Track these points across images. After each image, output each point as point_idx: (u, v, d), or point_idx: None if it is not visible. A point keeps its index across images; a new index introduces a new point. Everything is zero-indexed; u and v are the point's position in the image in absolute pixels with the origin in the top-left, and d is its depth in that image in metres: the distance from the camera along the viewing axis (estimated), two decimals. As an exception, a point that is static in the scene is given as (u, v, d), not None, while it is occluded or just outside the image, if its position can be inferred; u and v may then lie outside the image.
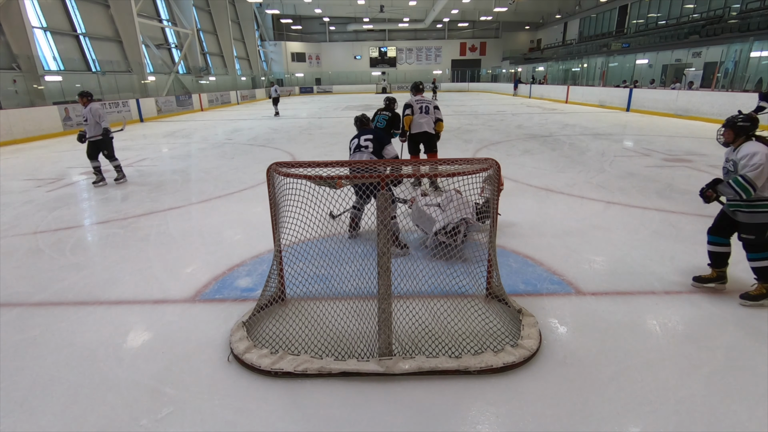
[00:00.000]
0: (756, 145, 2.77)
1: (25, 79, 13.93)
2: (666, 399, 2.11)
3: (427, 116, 5.81)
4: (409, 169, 2.89)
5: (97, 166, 6.72)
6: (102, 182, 6.72)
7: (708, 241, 3.16)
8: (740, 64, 15.90)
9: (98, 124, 6.55)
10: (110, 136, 6.68)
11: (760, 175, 2.71)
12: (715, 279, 3.15)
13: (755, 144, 2.79)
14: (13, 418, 2.09)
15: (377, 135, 4.16)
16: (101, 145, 6.64)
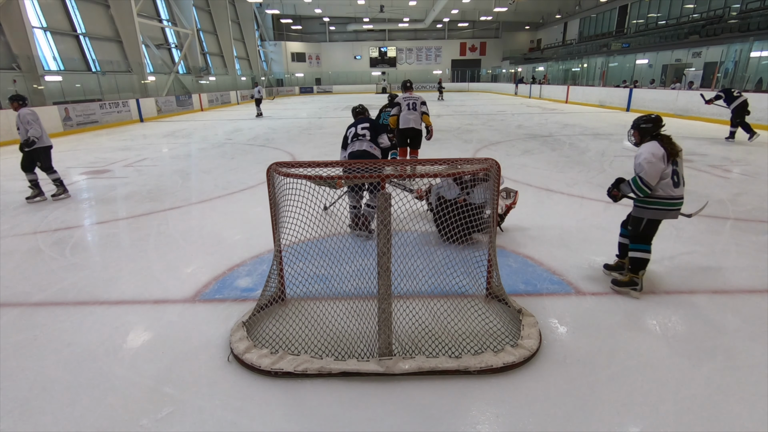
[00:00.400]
0: (647, 146, 2.94)
1: (25, 79, 13.93)
2: (666, 399, 2.11)
3: (415, 113, 6.09)
4: (408, 170, 2.89)
5: (33, 180, 5.91)
6: (39, 197, 5.86)
7: (620, 233, 3.37)
8: (740, 64, 15.90)
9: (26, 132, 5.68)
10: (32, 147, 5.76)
11: (649, 173, 2.87)
12: (621, 267, 3.37)
13: (647, 144, 2.95)
14: (13, 418, 2.09)
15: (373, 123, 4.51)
16: (35, 156, 5.89)
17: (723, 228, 4.37)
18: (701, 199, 5.30)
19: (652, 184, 2.90)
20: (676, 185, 2.94)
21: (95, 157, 9.28)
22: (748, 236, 4.14)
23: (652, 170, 2.87)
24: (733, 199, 5.32)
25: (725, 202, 5.18)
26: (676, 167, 2.94)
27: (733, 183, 6.14)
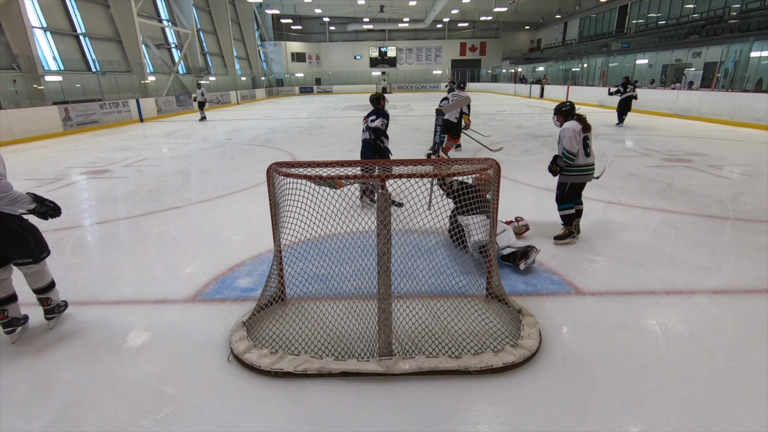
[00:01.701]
0: (568, 123, 3.84)
1: (25, 79, 13.93)
2: (666, 399, 2.11)
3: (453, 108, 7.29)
4: (409, 170, 2.89)
5: None
6: None
7: (558, 208, 4.07)
8: (740, 64, 15.90)
9: None
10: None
11: (571, 143, 3.76)
12: (569, 235, 4.02)
13: (569, 122, 3.85)
14: (13, 418, 2.09)
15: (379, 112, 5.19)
16: None
17: (723, 228, 4.37)
18: (701, 200, 5.30)
19: (575, 152, 3.79)
20: (587, 155, 3.88)
21: (95, 157, 9.28)
22: (748, 236, 4.14)
23: (572, 142, 3.76)
24: (733, 199, 5.32)
25: (725, 202, 5.18)
26: (587, 140, 3.88)
27: (733, 183, 6.14)
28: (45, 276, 2.81)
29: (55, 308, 2.88)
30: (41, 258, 2.73)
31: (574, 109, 3.98)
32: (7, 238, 2.57)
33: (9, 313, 2.70)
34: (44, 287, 2.80)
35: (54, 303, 2.86)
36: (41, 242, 2.73)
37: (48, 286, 2.83)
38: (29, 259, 2.67)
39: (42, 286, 2.79)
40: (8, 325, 2.70)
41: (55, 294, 2.89)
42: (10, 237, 2.57)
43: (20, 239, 2.61)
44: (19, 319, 2.75)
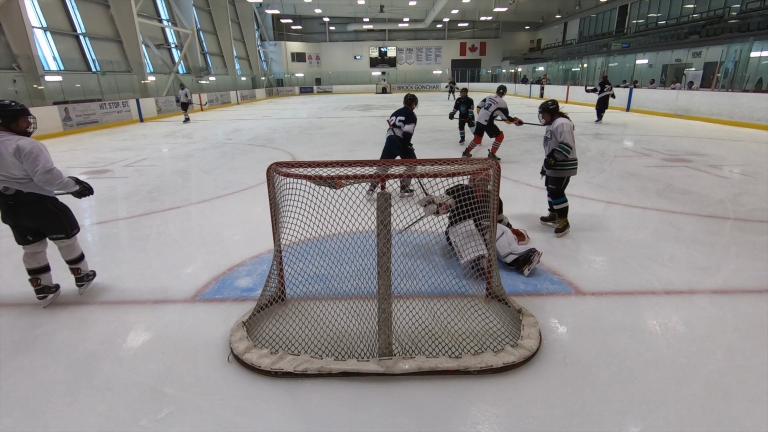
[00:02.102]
0: (562, 121, 4.13)
1: (25, 79, 13.93)
2: (666, 399, 2.11)
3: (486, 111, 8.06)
4: (409, 170, 2.89)
5: None
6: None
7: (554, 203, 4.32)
8: (740, 64, 15.90)
9: None
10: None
11: (568, 136, 4.06)
12: (567, 226, 4.31)
13: (561, 120, 4.13)
14: (13, 418, 2.09)
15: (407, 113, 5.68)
16: None
17: (723, 228, 4.37)
18: (701, 200, 5.30)
19: (572, 145, 4.09)
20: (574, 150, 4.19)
21: (95, 157, 9.28)
22: (748, 236, 4.14)
23: (570, 136, 4.08)
24: (733, 199, 5.32)
25: (725, 202, 5.18)
26: None
27: (733, 183, 6.14)
28: (75, 249, 3.22)
29: (84, 277, 3.32)
30: (72, 234, 3.15)
31: (559, 106, 4.29)
32: (44, 217, 2.98)
33: (41, 282, 3.13)
34: (75, 259, 3.23)
35: (83, 272, 3.30)
36: (72, 220, 3.15)
37: (78, 258, 3.24)
38: (62, 235, 3.09)
39: (73, 258, 3.22)
40: (41, 292, 3.14)
41: (84, 265, 3.31)
42: (47, 215, 2.99)
43: (55, 217, 3.03)
44: (50, 287, 3.19)
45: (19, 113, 2.88)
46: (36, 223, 3.00)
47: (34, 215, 2.96)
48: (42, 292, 3.13)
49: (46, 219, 2.99)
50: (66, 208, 3.13)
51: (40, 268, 3.12)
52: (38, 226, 3.01)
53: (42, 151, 2.87)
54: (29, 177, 2.85)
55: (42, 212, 2.97)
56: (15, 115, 2.86)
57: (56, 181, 2.90)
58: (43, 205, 2.97)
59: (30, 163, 2.79)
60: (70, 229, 3.12)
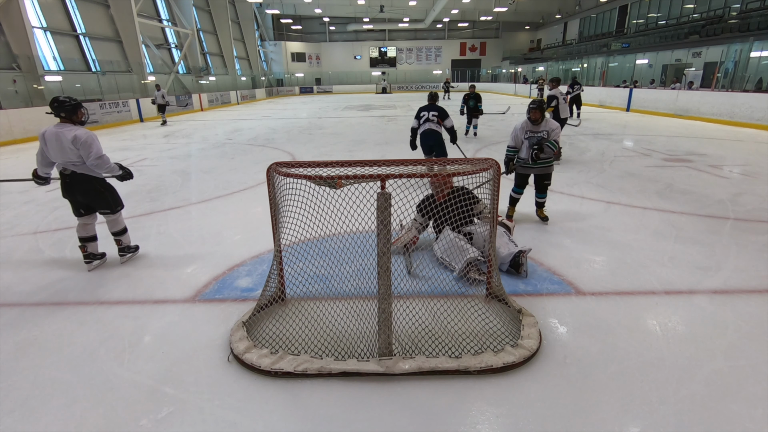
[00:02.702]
0: (552, 121, 4.43)
1: (25, 79, 13.93)
2: (666, 399, 2.11)
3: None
4: (409, 170, 2.89)
5: None
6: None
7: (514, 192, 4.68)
8: (740, 64, 15.90)
9: None
10: None
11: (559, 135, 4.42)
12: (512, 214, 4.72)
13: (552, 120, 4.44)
14: (13, 418, 2.09)
15: (440, 110, 6.35)
16: None
17: (723, 228, 4.37)
18: (701, 200, 5.30)
19: None
20: None
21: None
22: (748, 236, 4.14)
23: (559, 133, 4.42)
24: (733, 199, 5.32)
25: (725, 202, 5.18)
26: None
27: (733, 183, 6.14)
28: (119, 223, 3.78)
29: (126, 249, 3.85)
30: (116, 210, 3.73)
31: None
32: (93, 194, 3.58)
33: (88, 249, 3.70)
34: (118, 231, 3.79)
35: (125, 244, 3.84)
36: (117, 198, 3.73)
37: (121, 231, 3.80)
38: (108, 210, 3.67)
39: (116, 230, 3.78)
40: (87, 257, 3.70)
41: (126, 238, 3.86)
42: (95, 193, 3.58)
43: (102, 195, 3.61)
44: (96, 254, 3.75)
45: (75, 107, 3.47)
46: (86, 199, 3.59)
47: (85, 192, 3.55)
48: (88, 258, 3.70)
49: (94, 196, 3.58)
50: (111, 187, 3.70)
51: (88, 237, 3.68)
52: (88, 202, 3.60)
53: (94, 141, 3.42)
54: (82, 161, 3.42)
55: (91, 190, 3.55)
56: (73, 109, 3.45)
57: (105, 166, 3.48)
58: (92, 184, 3.55)
59: (84, 149, 3.35)
60: (114, 206, 3.70)
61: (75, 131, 3.36)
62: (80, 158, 3.40)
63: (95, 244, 3.73)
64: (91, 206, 3.63)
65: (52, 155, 3.44)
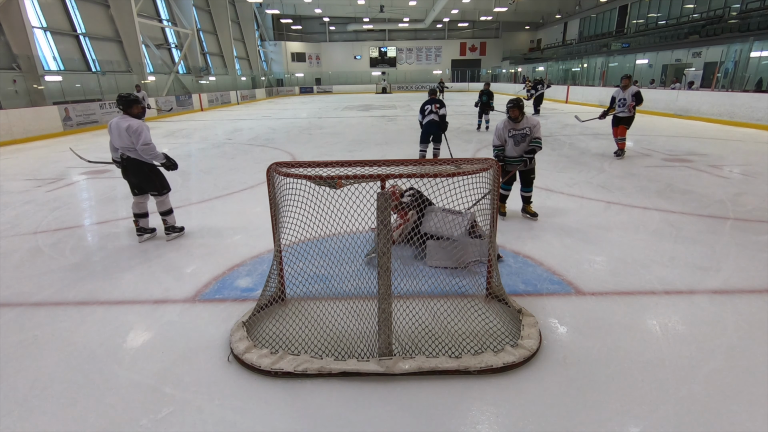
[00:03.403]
0: (532, 117, 4.56)
1: (25, 79, 13.93)
2: (666, 399, 2.11)
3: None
4: (409, 170, 2.89)
5: None
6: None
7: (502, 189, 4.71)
8: (740, 64, 15.89)
9: None
10: None
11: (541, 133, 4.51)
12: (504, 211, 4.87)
13: (531, 117, 4.56)
14: (13, 417, 2.09)
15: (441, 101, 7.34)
16: None
17: (723, 228, 4.37)
18: (701, 200, 5.30)
19: None
20: None
21: (95, 157, 9.26)
22: (748, 236, 4.14)
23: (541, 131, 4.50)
24: (733, 199, 5.32)
25: (725, 202, 5.18)
26: None
27: (733, 183, 6.14)
28: (165, 204, 4.33)
29: (171, 228, 4.39)
30: (163, 193, 4.28)
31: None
32: (142, 177, 4.16)
33: (140, 224, 4.33)
34: (164, 212, 4.34)
35: (170, 224, 4.38)
36: (164, 182, 4.28)
37: (167, 211, 4.35)
38: (156, 192, 4.25)
39: (163, 211, 4.34)
40: (139, 231, 4.33)
41: (172, 219, 4.39)
42: (144, 176, 4.16)
43: (149, 178, 4.19)
44: (146, 229, 4.37)
45: (131, 102, 4.03)
46: (138, 181, 4.17)
47: (137, 175, 4.13)
48: (139, 231, 4.32)
49: (144, 178, 4.16)
50: (159, 173, 4.25)
51: (141, 214, 4.29)
52: (140, 183, 4.18)
53: (143, 131, 3.94)
54: (134, 147, 3.97)
55: (141, 173, 4.12)
56: (129, 103, 4.02)
57: (150, 153, 4.01)
58: (142, 168, 4.11)
59: (135, 137, 3.91)
60: (161, 189, 4.26)
61: (130, 121, 3.93)
62: (132, 145, 3.96)
63: (146, 220, 4.33)
64: (143, 187, 4.19)
65: (114, 142, 4.04)
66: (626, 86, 8.06)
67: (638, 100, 7.94)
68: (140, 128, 3.93)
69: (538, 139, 4.48)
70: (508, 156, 4.64)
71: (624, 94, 8.07)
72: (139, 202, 4.26)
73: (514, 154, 4.59)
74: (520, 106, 4.45)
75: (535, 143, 4.49)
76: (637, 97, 7.95)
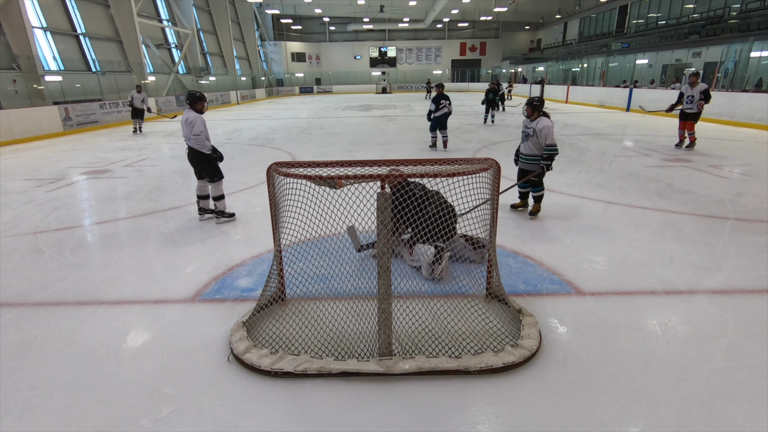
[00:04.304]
0: (545, 120, 4.47)
1: (25, 79, 13.92)
2: (666, 399, 2.11)
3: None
4: (409, 170, 2.89)
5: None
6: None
7: (519, 186, 4.87)
8: (740, 64, 15.89)
9: None
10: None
11: (553, 137, 4.46)
12: (523, 205, 4.99)
13: (544, 119, 4.48)
14: (13, 417, 2.09)
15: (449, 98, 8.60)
16: None
17: (723, 228, 4.37)
18: (701, 200, 5.30)
19: (555, 143, 4.47)
20: None
21: (95, 157, 9.28)
22: (748, 236, 4.14)
23: (553, 135, 4.46)
24: (733, 199, 5.32)
25: (725, 202, 5.18)
26: None
27: (733, 183, 6.14)
28: (218, 190, 4.80)
29: (221, 213, 4.86)
30: (214, 180, 4.76)
31: (543, 104, 4.64)
32: (199, 164, 4.70)
33: (200, 204, 4.90)
34: (216, 197, 4.82)
35: (220, 209, 4.85)
36: (216, 171, 4.77)
37: (219, 197, 4.82)
38: (208, 178, 4.76)
39: (215, 196, 4.82)
40: (200, 211, 4.93)
41: (222, 204, 4.86)
42: (199, 163, 4.70)
43: (204, 166, 4.71)
44: (206, 209, 4.92)
45: (196, 99, 4.59)
46: (196, 167, 4.75)
47: (194, 162, 4.71)
48: (200, 211, 4.92)
49: (199, 165, 4.71)
50: (213, 162, 4.71)
51: (202, 196, 4.85)
52: (197, 169, 4.76)
53: (197, 123, 4.48)
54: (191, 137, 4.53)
55: (197, 160, 4.67)
56: (194, 100, 4.58)
57: (200, 144, 4.53)
58: (198, 156, 4.65)
59: (189, 128, 4.47)
60: (213, 176, 4.73)
61: (190, 115, 4.50)
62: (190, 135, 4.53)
63: (207, 201, 4.88)
64: (200, 173, 4.76)
65: (182, 132, 4.62)
66: (694, 83, 8.41)
67: (706, 97, 8.33)
68: (195, 121, 4.47)
69: (549, 146, 4.45)
70: (519, 151, 4.79)
71: (692, 91, 8.45)
72: (200, 185, 4.82)
73: (522, 151, 4.72)
74: (532, 104, 4.51)
75: (547, 150, 4.47)
76: (705, 95, 8.32)
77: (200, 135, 4.48)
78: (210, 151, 4.63)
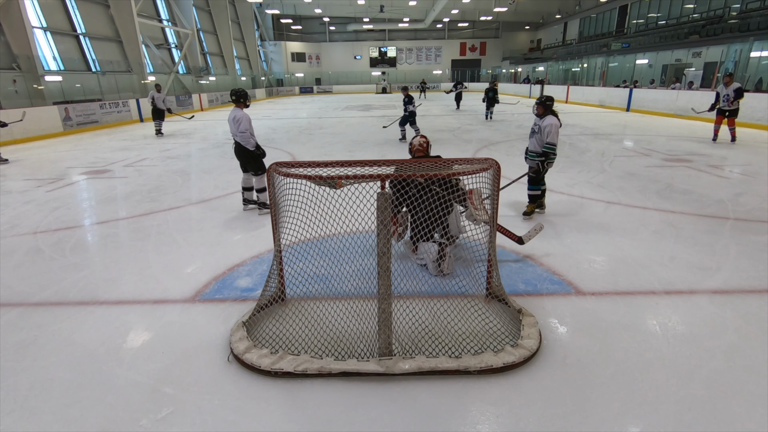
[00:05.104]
0: (551, 118, 4.49)
1: (25, 79, 13.92)
2: (666, 399, 2.11)
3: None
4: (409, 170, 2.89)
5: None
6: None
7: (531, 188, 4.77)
8: (740, 64, 15.89)
9: None
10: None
11: (556, 137, 4.47)
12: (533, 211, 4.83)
13: (551, 117, 4.51)
14: (13, 417, 2.09)
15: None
16: None
17: (723, 228, 4.37)
18: (701, 200, 5.31)
19: (556, 142, 4.48)
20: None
21: (95, 157, 9.28)
22: (748, 236, 4.14)
23: (557, 135, 4.48)
24: (733, 199, 5.32)
25: (725, 202, 5.18)
26: None
27: (733, 183, 6.14)
28: (261, 183, 5.14)
29: (263, 204, 5.18)
30: (258, 174, 5.10)
31: (553, 103, 4.67)
32: (244, 158, 5.04)
33: (245, 195, 5.28)
34: (259, 189, 5.17)
35: (261, 201, 5.20)
36: (260, 165, 5.09)
37: (261, 189, 5.15)
38: (252, 172, 5.11)
39: (258, 188, 5.17)
40: (244, 201, 5.29)
41: (264, 196, 5.13)
42: (244, 157, 5.03)
43: (249, 160, 5.05)
44: (249, 200, 5.28)
45: (240, 96, 4.94)
46: (241, 161, 5.08)
47: (240, 156, 5.04)
48: (244, 202, 5.29)
49: (244, 159, 5.04)
50: (257, 156, 5.05)
51: (246, 187, 5.22)
52: (243, 163, 5.09)
53: (243, 120, 4.80)
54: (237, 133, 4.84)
55: (243, 155, 5.01)
56: (239, 97, 4.93)
57: (245, 140, 4.85)
58: (244, 150, 4.96)
59: (236, 125, 4.81)
60: (256, 170, 5.08)
61: (236, 112, 4.83)
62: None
63: (251, 192, 5.21)
64: (245, 167, 5.07)
65: (230, 129, 4.94)
66: (728, 83, 8.94)
67: (738, 94, 8.92)
68: (241, 118, 4.79)
69: (549, 144, 4.48)
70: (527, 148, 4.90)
71: (727, 90, 9.03)
72: (245, 178, 5.17)
73: (529, 147, 4.85)
74: (543, 103, 4.58)
75: (545, 147, 4.52)
76: (738, 93, 8.92)
77: (246, 132, 4.79)
78: (254, 147, 4.92)
